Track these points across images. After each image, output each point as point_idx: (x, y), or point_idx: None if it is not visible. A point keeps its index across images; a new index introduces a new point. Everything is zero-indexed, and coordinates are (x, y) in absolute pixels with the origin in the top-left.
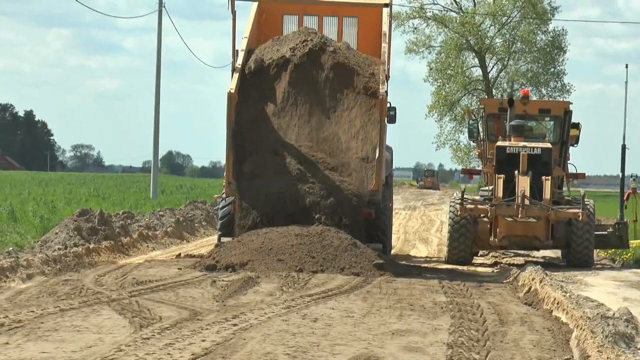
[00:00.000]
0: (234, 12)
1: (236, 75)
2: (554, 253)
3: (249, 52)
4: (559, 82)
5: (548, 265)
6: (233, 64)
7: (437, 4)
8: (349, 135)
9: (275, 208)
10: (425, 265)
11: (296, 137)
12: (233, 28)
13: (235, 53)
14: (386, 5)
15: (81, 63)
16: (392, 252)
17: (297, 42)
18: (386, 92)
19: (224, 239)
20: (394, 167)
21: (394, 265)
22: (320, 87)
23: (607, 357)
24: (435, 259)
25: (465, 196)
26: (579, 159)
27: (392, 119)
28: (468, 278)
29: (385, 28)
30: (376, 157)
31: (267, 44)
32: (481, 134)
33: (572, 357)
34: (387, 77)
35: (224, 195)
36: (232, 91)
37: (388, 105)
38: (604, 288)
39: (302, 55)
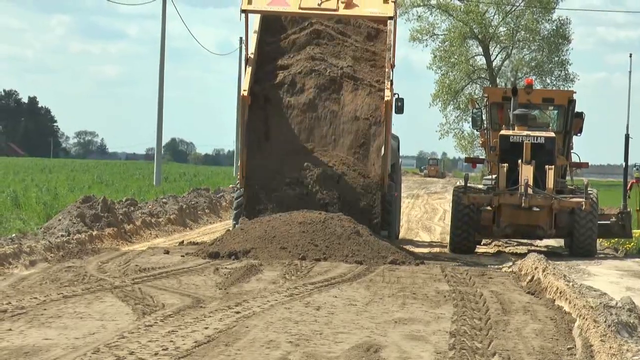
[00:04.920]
0: (247, 17)
1: (249, 70)
2: (556, 242)
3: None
4: (563, 71)
5: (551, 254)
6: (246, 57)
7: None
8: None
9: (284, 197)
10: (429, 251)
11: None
12: (246, 31)
13: (246, 50)
14: (390, 18)
15: (84, 49)
16: None
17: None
18: (391, 94)
19: None
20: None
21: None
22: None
23: (610, 347)
24: (438, 243)
25: (468, 185)
26: (582, 148)
27: (400, 110)
28: (471, 267)
29: (389, 40)
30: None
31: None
32: (485, 122)
33: (575, 346)
34: (393, 66)
35: (238, 186)
36: (246, 94)
37: (396, 96)
38: (607, 277)
39: None
